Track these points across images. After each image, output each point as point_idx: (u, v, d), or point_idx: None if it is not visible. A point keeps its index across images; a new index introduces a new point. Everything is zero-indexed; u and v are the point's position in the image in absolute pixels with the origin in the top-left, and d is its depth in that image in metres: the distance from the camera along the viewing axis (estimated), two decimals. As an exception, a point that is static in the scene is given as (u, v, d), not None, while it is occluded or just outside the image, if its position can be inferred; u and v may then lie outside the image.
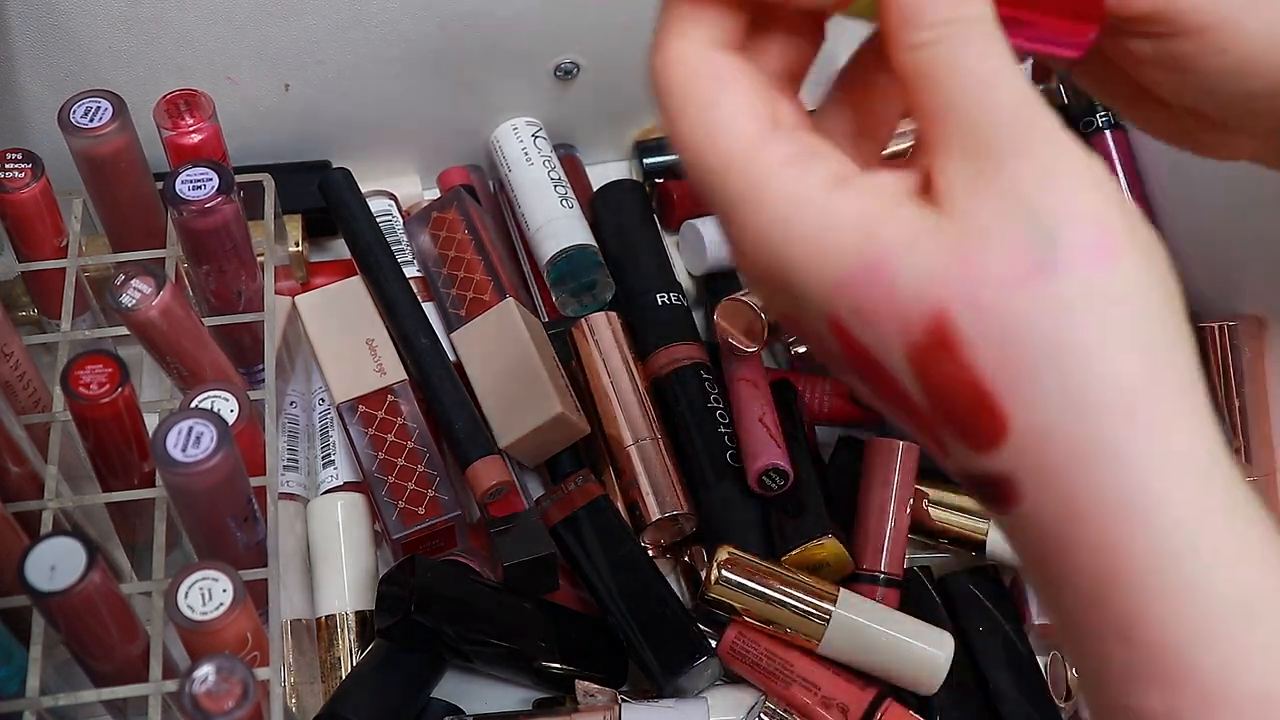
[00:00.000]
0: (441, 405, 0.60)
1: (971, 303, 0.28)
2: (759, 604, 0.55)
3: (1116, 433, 0.27)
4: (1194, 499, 0.27)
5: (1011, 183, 0.28)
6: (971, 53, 0.29)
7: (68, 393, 0.44)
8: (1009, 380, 0.28)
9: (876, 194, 0.30)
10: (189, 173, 0.51)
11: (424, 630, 0.54)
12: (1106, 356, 0.27)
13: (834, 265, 0.29)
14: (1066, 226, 0.28)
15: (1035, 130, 0.29)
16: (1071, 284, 0.27)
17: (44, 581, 0.40)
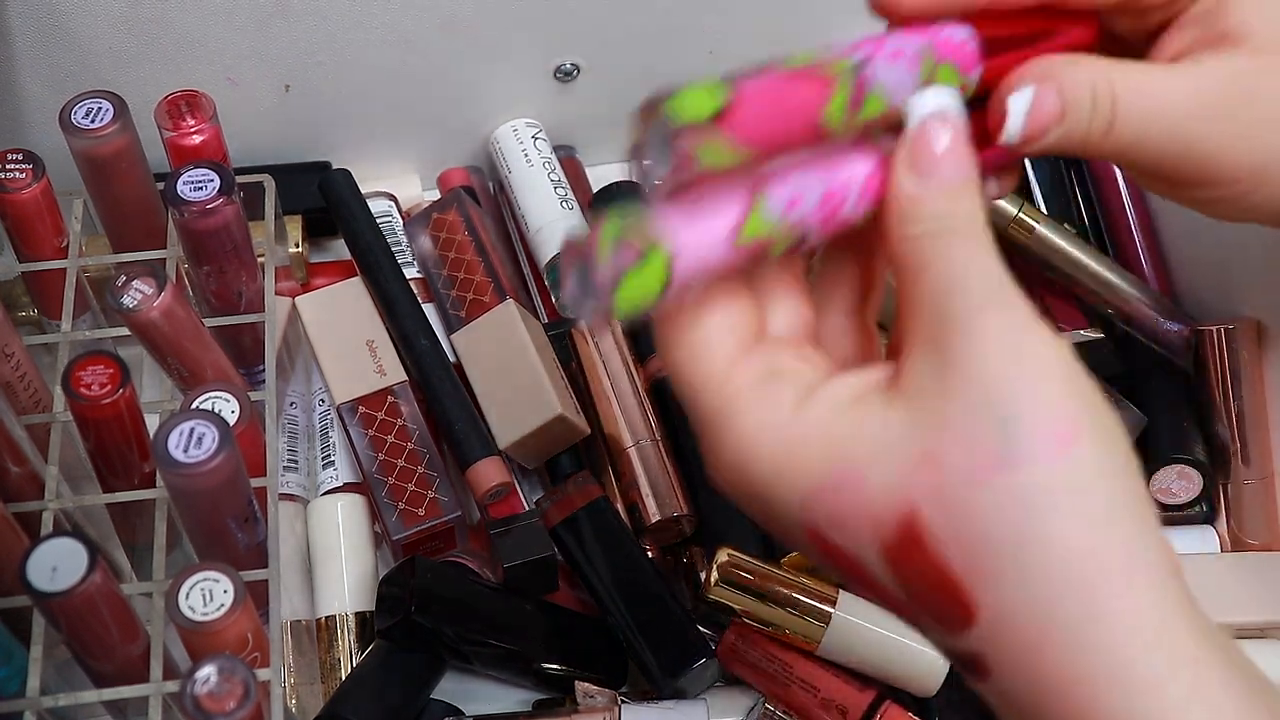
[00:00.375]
0: (441, 406, 0.61)
1: (938, 500, 0.29)
2: (758, 606, 0.55)
3: (1077, 616, 0.29)
4: (1158, 670, 0.28)
5: (974, 375, 0.30)
6: (954, 246, 0.31)
7: (69, 393, 0.44)
8: (975, 572, 0.29)
9: (840, 408, 0.32)
10: (190, 173, 0.51)
11: (424, 631, 0.54)
12: (1067, 546, 0.29)
13: (803, 483, 0.31)
14: (1026, 418, 0.29)
15: (999, 320, 0.30)
16: (1031, 477, 0.29)
17: (45, 582, 0.40)
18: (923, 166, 0.33)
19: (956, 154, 0.33)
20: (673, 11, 0.68)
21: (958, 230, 0.32)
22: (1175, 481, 0.60)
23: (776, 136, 0.33)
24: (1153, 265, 0.66)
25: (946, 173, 0.32)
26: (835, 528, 0.31)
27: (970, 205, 0.32)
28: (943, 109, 0.33)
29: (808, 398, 0.32)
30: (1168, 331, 0.63)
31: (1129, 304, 0.63)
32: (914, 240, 0.32)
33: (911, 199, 0.32)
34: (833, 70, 0.34)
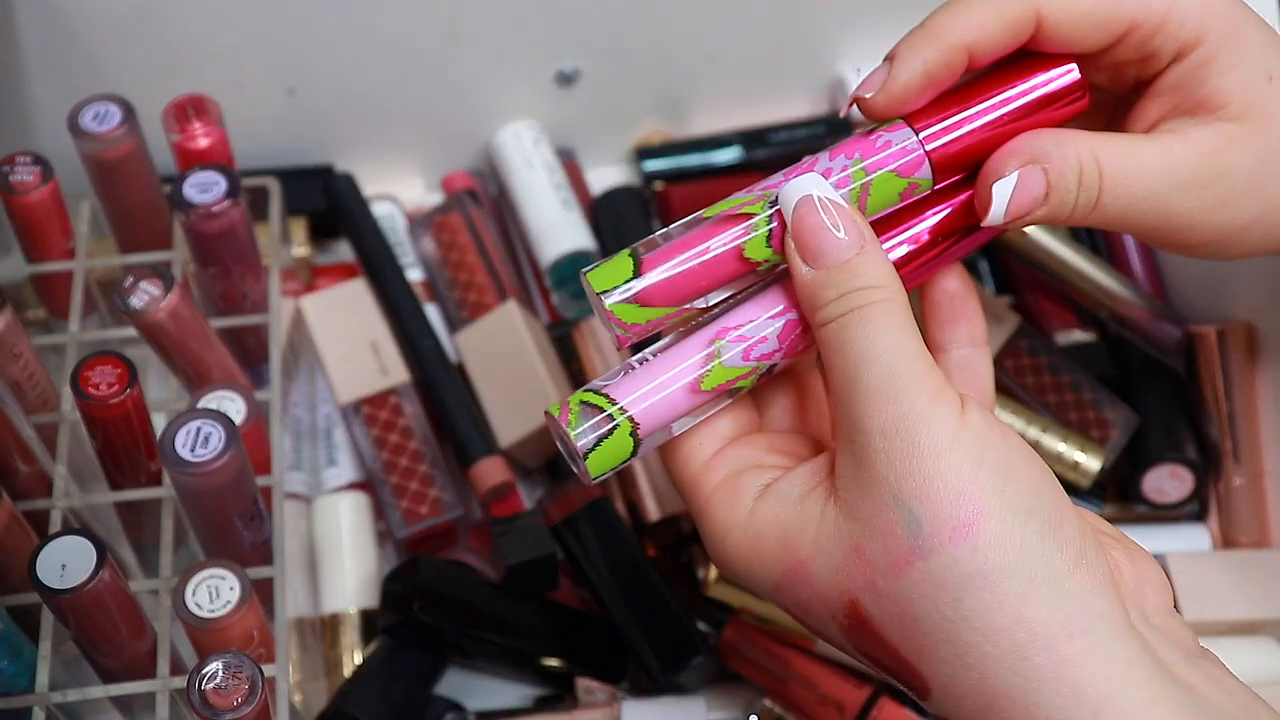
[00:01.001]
0: (444, 406, 0.61)
1: (870, 590, 0.32)
2: (757, 603, 0.56)
3: (1014, 685, 0.30)
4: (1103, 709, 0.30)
5: (883, 473, 0.32)
6: (855, 330, 0.33)
7: (77, 393, 0.44)
8: (915, 651, 0.32)
9: (789, 501, 0.34)
10: (196, 176, 0.51)
11: (427, 628, 0.54)
12: (989, 621, 0.31)
13: (767, 574, 0.35)
14: (930, 511, 0.31)
15: (909, 410, 0.32)
16: (942, 563, 0.31)
17: (55, 579, 0.40)
18: (808, 252, 0.34)
19: (841, 227, 0.34)
20: (673, 16, 0.68)
21: (859, 307, 0.33)
22: (1167, 481, 0.61)
23: (698, 287, 0.35)
24: (1145, 267, 0.67)
25: (831, 252, 0.33)
26: (800, 612, 0.35)
27: (867, 276, 0.33)
28: (810, 192, 0.34)
29: (764, 494, 0.35)
30: (1160, 333, 0.63)
31: (1122, 306, 0.64)
32: (824, 328, 0.34)
33: (808, 285, 0.34)
34: (751, 209, 0.35)
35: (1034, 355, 0.63)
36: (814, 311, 0.34)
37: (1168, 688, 0.31)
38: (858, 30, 0.72)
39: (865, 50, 0.73)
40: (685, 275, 0.35)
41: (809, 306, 0.34)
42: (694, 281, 0.35)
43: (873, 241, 0.34)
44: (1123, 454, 0.62)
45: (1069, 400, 0.62)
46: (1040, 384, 0.62)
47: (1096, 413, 0.62)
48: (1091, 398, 0.62)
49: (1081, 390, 0.62)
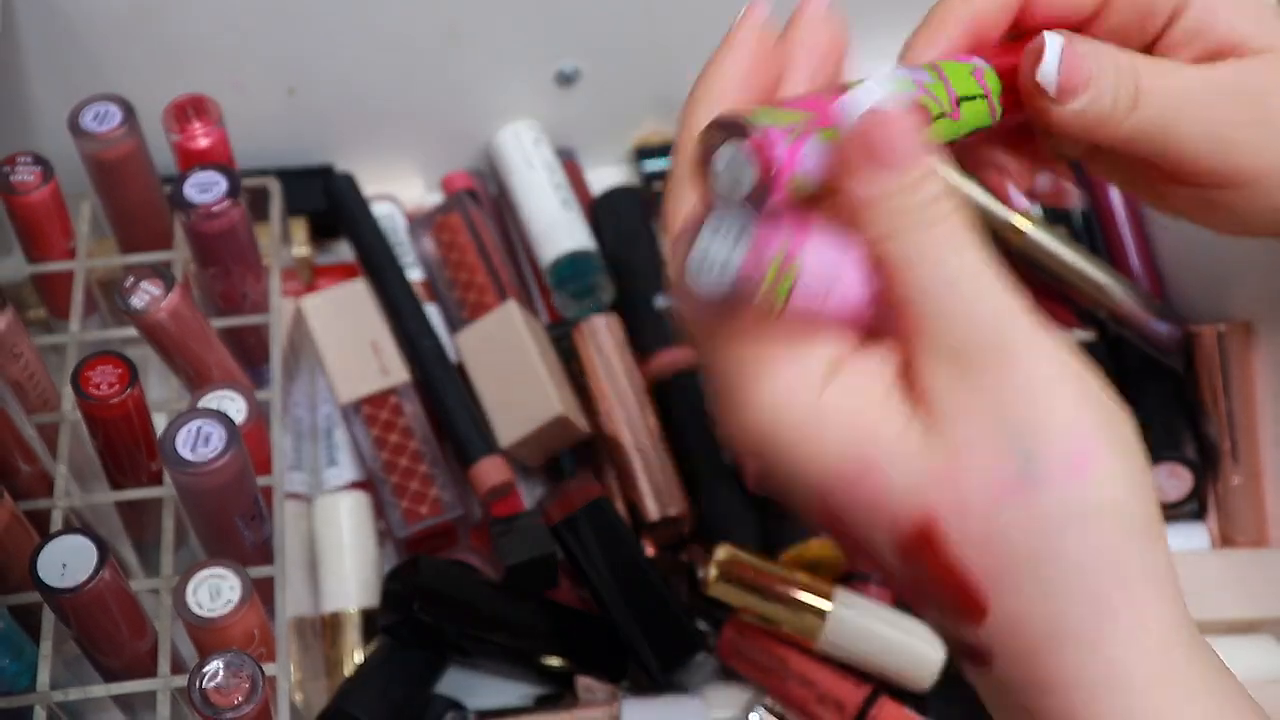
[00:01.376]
0: (444, 406, 0.61)
1: (958, 511, 0.30)
2: (757, 602, 0.56)
3: (1087, 624, 0.30)
4: (1159, 679, 0.30)
5: (992, 395, 0.30)
6: (936, 245, 0.30)
7: (78, 393, 0.45)
8: (991, 578, 0.30)
9: (865, 391, 0.31)
10: (197, 176, 0.51)
11: (427, 627, 0.55)
12: (1083, 561, 0.30)
13: (823, 462, 0.31)
14: (1044, 441, 0.30)
15: (1013, 337, 0.30)
16: (1050, 498, 0.29)
17: (56, 578, 0.40)
18: (875, 158, 0.31)
19: (908, 136, 0.31)
20: (673, 16, 0.68)
21: (931, 230, 0.31)
22: (1166, 480, 0.61)
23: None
24: (1144, 267, 0.67)
25: (902, 163, 0.30)
26: (850, 512, 0.31)
27: (936, 186, 0.31)
28: (878, 102, 0.31)
29: (835, 373, 0.31)
30: (1159, 332, 0.63)
31: (1121, 305, 0.64)
32: (888, 241, 0.31)
33: (872, 197, 0.31)
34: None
35: (1033, 355, 0.63)
36: (879, 223, 0.31)
37: (1200, 643, 0.31)
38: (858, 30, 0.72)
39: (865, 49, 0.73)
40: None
41: (874, 221, 0.31)
42: None
43: (935, 154, 0.31)
44: (1122, 453, 0.62)
45: (1068, 400, 0.62)
46: (1039, 383, 0.62)
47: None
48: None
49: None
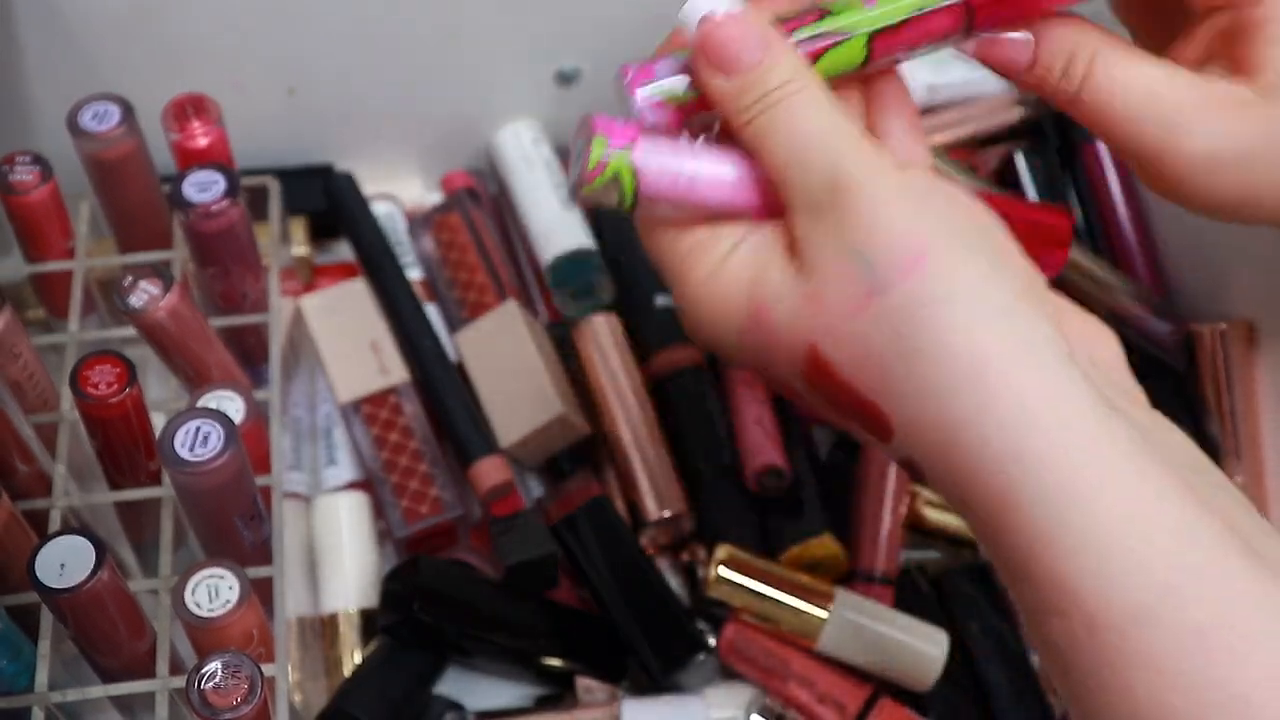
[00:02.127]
0: (444, 406, 0.61)
1: (830, 334, 0.33)
2: (757, 602, 0.56)
3: (971, 410, 0.31)
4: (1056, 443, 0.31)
5: (836, 223, 0.34)
6: (785, 118, 0.35)
7: (77, 393, 0.44)
8: (877, 388, 0.33)
9: (757, 252, 0.36)
10: (196, 176, 0.51)
11: (427, 627, 0.55)
12: (944, 350, 0.32)
13: (731, 322, 0.36)
14: (880, 250, 0.33)
15: (851, 172, 0.34)
16: (896, 298, 0.32)
17: (54, 579, 0.40)
18: (719, 61, 0.35)
19: (743, 36, 0.35)
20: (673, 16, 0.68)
21: (783, 105, 0.35)
22: (1168, 480, 0.61)
23: None
24: (1145, 265, 0.67)
25: (743, 57, 0.35)
26: (760, 354, 0.36)
27: (781, 72, 0.35)
28: (710, 7, 0.36)
29: (735, 249, 0.36)
30: (1160, 331, 0.63)
31: (1122, 304, 0.64)
32: (750, 126, 0.35)
33: (725, 94, 0.35)
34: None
35: (1034, 354, 0.63)
36: (736, 116, 0.35)
37: (1116, 418, 0.32)
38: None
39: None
40: None
41: (731, 113, 0.36)
42: None
43: (779, 40, 0.36)
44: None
45: (1069, 399, 0.62)
46: (1040, 383, 0.62)
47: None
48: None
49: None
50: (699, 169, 0.36)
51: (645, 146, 0.36)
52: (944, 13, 0.38)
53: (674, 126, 0.37)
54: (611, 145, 0.36)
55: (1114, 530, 0.30)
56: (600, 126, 0.36)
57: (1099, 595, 0.30)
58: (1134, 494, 0.30)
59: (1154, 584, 0.30)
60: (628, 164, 0.36)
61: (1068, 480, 0.31)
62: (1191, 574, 0.30)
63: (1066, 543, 0.30)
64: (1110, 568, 0.30)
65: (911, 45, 0.38)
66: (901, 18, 0.38)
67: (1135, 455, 0.31)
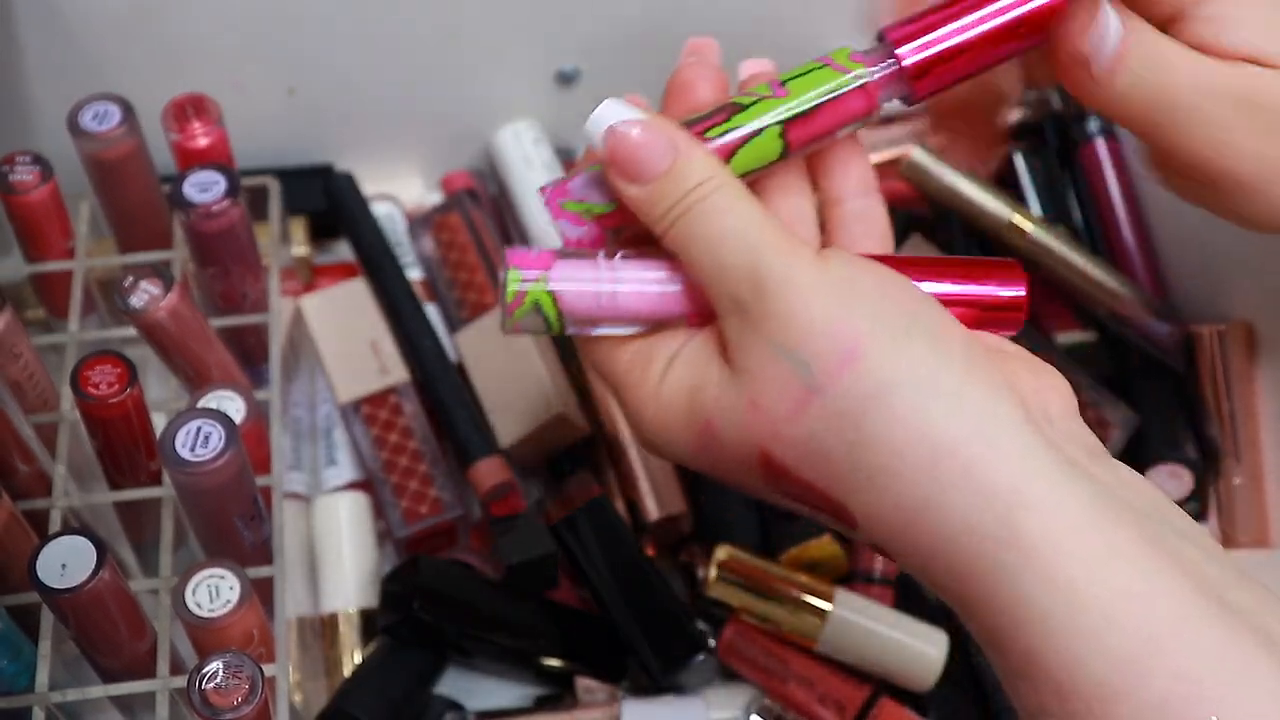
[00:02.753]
0: (444, 406, 0.61)
1: (776, 438, 0.33)
2: (757, 603, 0.56)
3: (926, 493, 0.31)
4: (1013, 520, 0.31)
5: (762, 325, 0.33)
6: (701, 221, 0.35)
7: (77, 393, 0.44)
8: (834, 484, 0.33)
9: (692, 365, 0.36)
10: (196, 176, 0.51)
11: (427, 627, 0.55)
12: (888, 442, 0.32)
13: (683, 440, 0.36)
14: (812, 349, 0.33)
15: (768, 271, 0.34)
16: (835, 398, 0.32)
17: (55, 579, 0.40)
18: (629, 171, 0.35)
19: (650, 143, 0.35)
20: (672, 15, 0.68)
21: (696, 211, 0.35)
22: (1167, 480, 0.61)
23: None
24: (1145, 267, 0.67)
25: (652, 164, 0.35)
26: (720, 468, 0.36)
27: (694, 174, 0.35)
28: (615, 118, 0.36)
29: (672, 364, 0.36)
30: (1159, 332, 0.63)
31: (1121, 305, 0.64)
32: (669, 233, 0.35)
33: (641, 203, 0.35)
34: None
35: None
36: (655, 224, 0.35)
37: (1075, 479, 0.31)
38: (858, 30, 0.72)
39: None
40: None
41: (650, 221, 0.36)
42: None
43: (687, 142, 0.35)
44: (1123, 453, 0.62)
45: (1069, 400, 0.62)
46: (1040, 383, 0.62)
47: (1096, 412, 0.62)
48: (1091, 397, 0.62)
49: (1081, 389, 0.62)
50: (620, 285, 0.36)
51: (560, 272, 0.36)
52: (856, 94, 0.38)
53: (598, 239, 0.38)
54: (525, 277, 0.36)
55: (1075, 602, 0.30)
56: (513, 259, 0.36)
57: (1064, 667, 0.30)
58: (1095, 563, 0.30)
59: (1117, 657, 0.29)
60: (545, 292, 0.36)
61: (1026, 556, 0.30)
62: (1153, 644, 0.29)
63: (1030, 616, 0.30)
64: (1073, 642, 0.30)
65: (828, 130, 0.38)
66: (812, 105, 0.37)
67: (1095, 521, 0.31)
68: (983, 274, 0.38)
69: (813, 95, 0.38)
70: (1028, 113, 0.72)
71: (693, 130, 0.37)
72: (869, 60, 0.38)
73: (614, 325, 0.37)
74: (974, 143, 0.42)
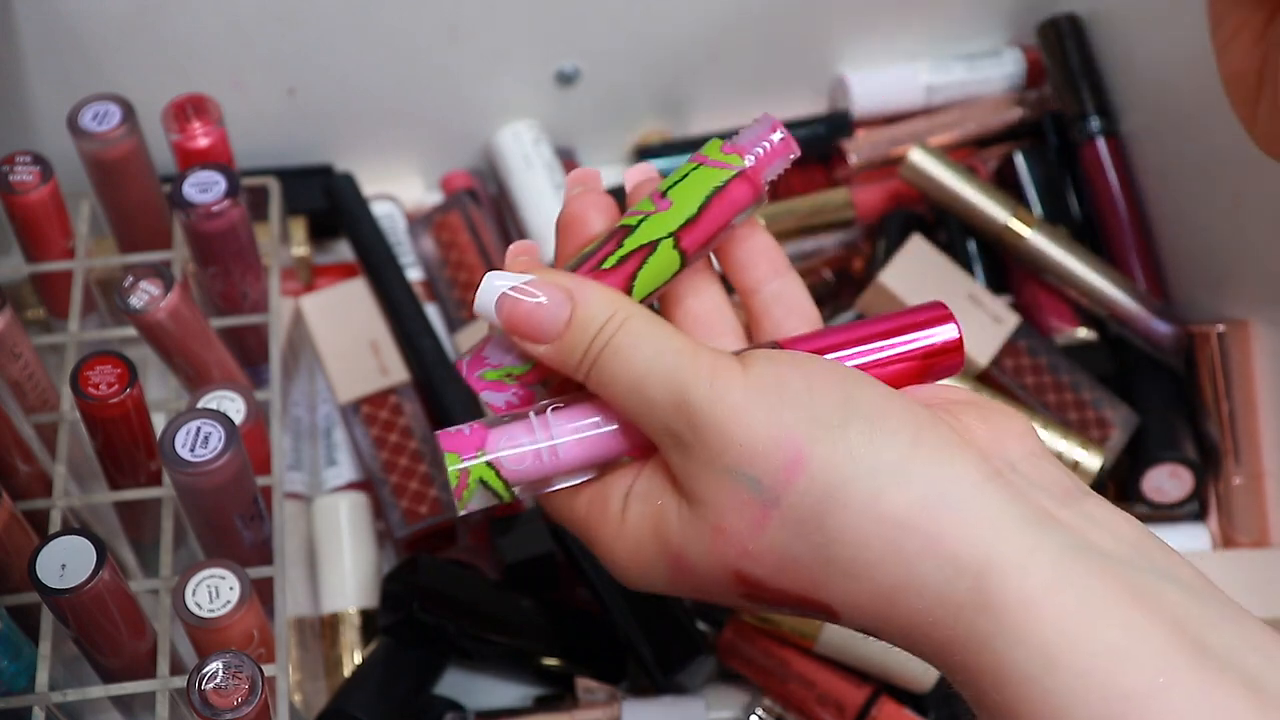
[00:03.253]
0: (444, 406, 0.61)
1: (745, 557, 0.33)
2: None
3: (896, 576, 0.31)
4: (985, 586, 0.31)
5: (704, 455, 0.33)
6: (614, 362, 0.34)
7: (77, 393, 0.44)
8: (809, 587, 0.33)
9: (648, 501, 0.36)
10: (196, 176, 0.51)
11: (426, 628, 0.55)
12: (850, 534, 0.32)
13: (658, 573, 0.36)
14: (760, 466, 0.32)
15: (692, 403, 0.33)
16: (791, 506, 0.32)
17: (54, 579, 0.40)
18: (530, 336, 0.35)
19: (544, 305, 0.35)
20: (672, 16, 0.68)
21: (603, 348, 0.34)
22: (1167, 480, 0.61)
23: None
24: (1145, 267, 0.67)
25: (549, 323, 0.35)
26: (702, 596, 0.36)
27: (595, 317, 0.35)
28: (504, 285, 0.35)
29: (628, 501, 0.36)
30: (1160, 333, 0.63)
31: (1122, 306, 0.64)
32: (588, 380, 0.35)
33: (555, 360, 0.35)
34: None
35: (1034, 355, 0.63)
36: (574, 374, 0.35)
37: (1044, 532, 0.31)
38: (857, 30, 0.72)
39: (865, 50, 0.73)
40: None
41: (569, 373, 0.35)
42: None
43: (580, 287, 0.35)
44: (1123, 453, 0.62)
45: (1069, 400, 0.62)
46: (1040, 384, 0.62)
47: (1096, 412, 0.62)
48: (1091, 397, 0.62)
49: (1081, 390, 0.62)
50: (557, 439, 0.36)
51: (496, 443, 0.36)
52: (738, 184, 0.38)
53: (527, 398, 0.37)
54: (464, 459, 0.35)
55: (1051, 663, 0.30)
56: (446, 443, 0.36)
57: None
58: (1068, 621, 0.30)
59: (1096, 715, 0.29)
60: (486, 466, 0.36)
61: (1000, 620, 0.30)
62: (1131, 702, 0.29)
63: (1010, 679, 0.30)
64: (1051, 701, 0.30)
65: (721, 227, 0.38)
66: (698, 205, 0.37)
67: (1067, 576, 0.30)
68: (911, 324, 0.37)
69: (696, 199, 0.37)
70: (1028, 113, 0.72)
71: (587, 265, 0.37)
72: (742, 147, 0.38)
73: (564, 479, 0.37)
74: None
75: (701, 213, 0.37)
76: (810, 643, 0.56)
